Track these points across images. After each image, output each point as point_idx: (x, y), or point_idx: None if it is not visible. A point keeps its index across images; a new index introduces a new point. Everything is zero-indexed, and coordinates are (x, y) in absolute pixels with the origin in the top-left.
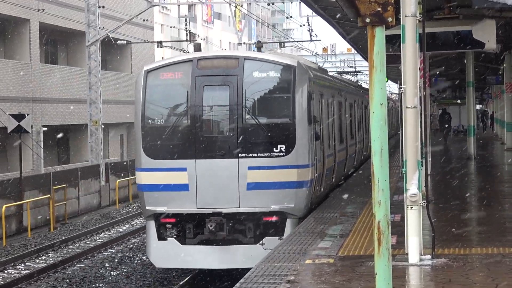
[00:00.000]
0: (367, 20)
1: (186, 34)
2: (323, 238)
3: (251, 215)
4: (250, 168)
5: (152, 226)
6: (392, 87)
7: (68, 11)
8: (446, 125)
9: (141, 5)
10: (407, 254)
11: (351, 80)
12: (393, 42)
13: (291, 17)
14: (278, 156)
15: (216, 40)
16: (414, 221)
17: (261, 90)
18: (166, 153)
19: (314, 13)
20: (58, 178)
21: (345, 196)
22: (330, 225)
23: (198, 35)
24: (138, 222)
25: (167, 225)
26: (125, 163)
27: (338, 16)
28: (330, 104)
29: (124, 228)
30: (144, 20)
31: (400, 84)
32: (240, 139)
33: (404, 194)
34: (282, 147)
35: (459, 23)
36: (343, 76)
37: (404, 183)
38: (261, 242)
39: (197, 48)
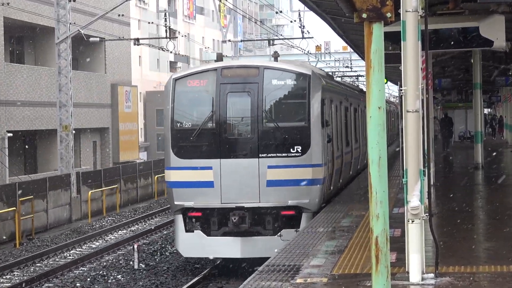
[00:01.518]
0: (364, 15)
1: (166, 30)
2: (316, 255)
3: (270, 209)
4: (269, 167)
5: (180, 219)
6: (392, 89)
7: (36, 5)
8: (447, 132)
9: None
10: (408, 272)
11: (355, 85)
12: (393, 39)
13: (280, 12)
14: (295, 156)
15: (199, 37)
16: (415, 236)
17: (279, 96)
18: (193, 153)
19: (306, 8)
20: (24, 189)
21: (342, 207)
22: (324, 241)
23: (179, 32)
24: (112, 238)
25: (194, 219)
26: (97, 172)
27: (332, 11)
28: (338, 109)
29: (97, 244)
30: (119, 15)
31: (400, 86)
32: (261, 140)
33: (405, 206)
34: (298, 148)
35: (465, 19)
36: (345, 81)
37: (404, 194)
38: (279, 234)
39: (219, 58)
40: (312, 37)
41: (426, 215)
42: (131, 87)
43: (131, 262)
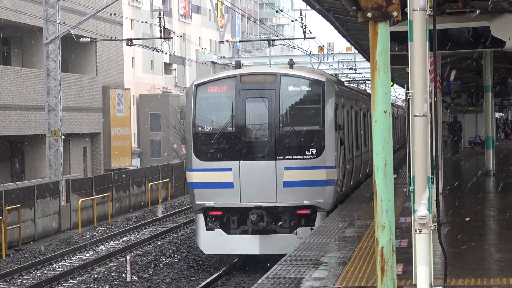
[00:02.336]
0: (369, 14)
1: (160, 30)
2: (318, 267)
3: (287, 208)
4: (286, 168)
5: (201, 218)
6: (398, 92)
7: (23, 4)
8: (456, 136)
9: None
10: (415, 285)
11: (363, 89)
12: (399, 40)
13: (281, 11)
14: (310, 158)
15: (195, 37)
16: (423, 247)
17: (295, 101)
18: (214, 156)
19: (308, 7)
20: (11, 197)
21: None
22: (327, 252)
23: (174, 32)
24: (103, 249)
25: (214, 218)
26: (88, 179)
27: (335, 10)
28: (349, 114)
29: (88, 255)
30: (111, 15)
31: (407, 89)
32: (278, 143)
33: (412, 216)
34: (313, 150)
35: (475, 18)
36: (354, 86)
37: (411, 203)
38: (295, 231)
39: (237, 65)
40: (315, 37)
41: (435, 225)
42: (123, 90)
43: (123, 275)
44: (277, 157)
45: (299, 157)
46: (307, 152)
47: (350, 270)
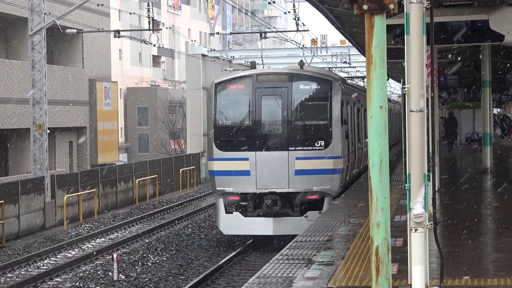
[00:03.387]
0: (365, 7)
1: (149, 22)
2: (310, 266)
3: (298, 194)
4: (297, 158)
5: (221, 202)
6: (394, 86)
7: None
8: (451, 133)
9: None
10: (410, 285)
11: (363, 86)
12: (395, 33)
13: (273, 2)
14: (319, 149)
15: (184, 29)
16: (419, 246)
17: (305, 98)
18: (233, 147)
19: None
20: None
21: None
22: (319, 250)
23: (163, 23)
24: (89, 246)
25: (233, 202)
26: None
27: (329, 2)
28: (353, 110)
29: (73, 253)
30: (98, 5)
31: (404, 83)
32: (290, 136)
33: (408, 214)
34: (322, 142)
35: (474, 11)
36: (355, 83)
37: (407, 201)
38: (305, 215)
39: (253, 66)
40: (308, 30)
41: (431, 224)
42: (110, 83)
43: (110, 273)
44: (289, 148)
45: (309, 148)
46: (316, 143)
47: (344, 270)
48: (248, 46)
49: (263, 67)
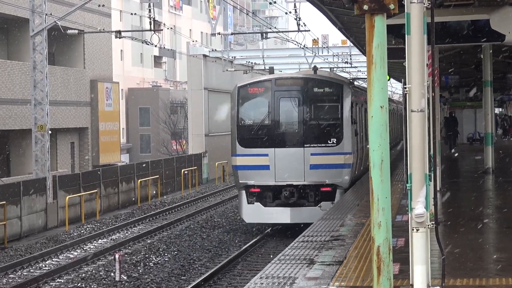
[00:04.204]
0: (365, 7)
1: (150, 22)
2: (312, 267)
3: (312, 186)
4: (312, 154)
5: (243, 194)
6: (395, 86)
7: None
8: (451, 132)
9: None
10: (412, 285)
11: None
12: (396, 33)
13: (274, 2)
14: (331, 146)
15: (186, 29)
16: (420, 246)
17: (319, 100)
18: (254, 144)
19: None
20: None
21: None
22: (321, 250)
23: (164, 24)
24: (91, 247)
25: (254, 194)
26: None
27: (330, 2)
28: (361, 110)
29: (76, 253)
30: (99, 6)
31: (404, 83)
32: (305, 134)
33: (409, 214)
34: (334, 139)
35: (475, 10)
36: (361, 85)
37: (408, 201)
38: (319, 205)
39: (271, 71)
40: (309, 30)
41: (432, 224)
42: (112, 84)
43: (112, 274)
44: (304, 145)
45: (322, 145)
46: (328, 141)
47: (345, 270)
48: (249, 47)
49: (265, 67)
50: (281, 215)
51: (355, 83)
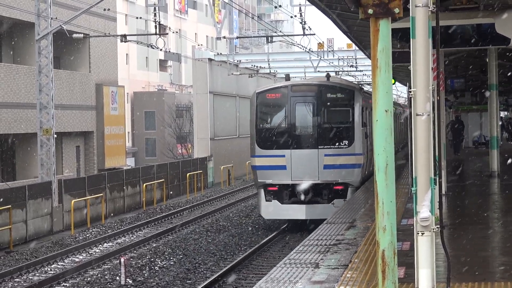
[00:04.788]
0: (370, 11)
1: (155, 26)
2: (317, 271)
3: (326, 185)
4: (325, 155)
5: (262, 192)
6: (400, 90)
7: None
8: (458, 135)
9: None
10: None
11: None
12: (401, 37)
13: (280, 6)
14: (343, 147)
15: (191, 33)
16: (425, 250)
17: (332, 105)
18: (272, 146)
19: (307, 2)
20: (1, 198)
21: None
22: (326, 254)
23: (170, 28)
24: (97, 251)
25: (272, 192)
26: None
27: (336, 6)
28: (371, 114)
29: (81, 257)
30: (105, 10)
31: (409, 87)
32: (319, 136)
33: (414, 217)
34: (346, 141)
35: (480, 14)
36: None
37: (413, 204)
38: (332, 202)
39: (287, 78)
40: (314, 34)
41: (437, 227)
42: (117, 88)
43: (117, 278)
44: (318, 147)
45: (335, 146)
46: (341, 143)
47: (350, 273)
48: (254, 50)
49: (270, 70)
50: (297, 211)
51: (364, 88)
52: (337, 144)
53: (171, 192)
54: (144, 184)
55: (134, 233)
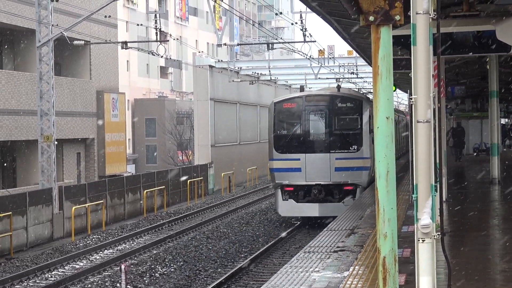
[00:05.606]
0: (371, 18)
1: (156, 33)
2: (317, 277)
3: (337, 185)
4: (336, 158)
5: (279, 192)
6: (401, 97)
7: (15, 5)
8: (459, 141)
9: None
10: None
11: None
12: (402, 44)
13: (281, 13)
14: (352, 152)
15: (192, 40)
16: (426, 257)
17: (342, 113)
18: (288, 150)
19: (308, 9)
20: (2, 205)
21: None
22: (327, 261)
23: (170, 35)
24: (97, 257)
25: (288, 192)
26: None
27: (336, 13)
28: None
29: (81, 264)
30: (106, 17)
31: (410, 94)
32: (331, 142)
33: (415, 224)
34: (355, 146)
35: (480, 21)
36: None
37: (414, 211)
38: (342, 201)
39: (302, 89)
40: (315, 41)
41: (438, 234)
42: (118, 94)
43: (118, 284)
44: (330, 151)
45: (345, 151)
46: (350, 147)
47: (349, 280)
48: (255, 57)
49: (271, 77)
50: (311, 209)
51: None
52: (347, 148)
53: (171, 199)
54: (145, 191)
55: (134, 239)
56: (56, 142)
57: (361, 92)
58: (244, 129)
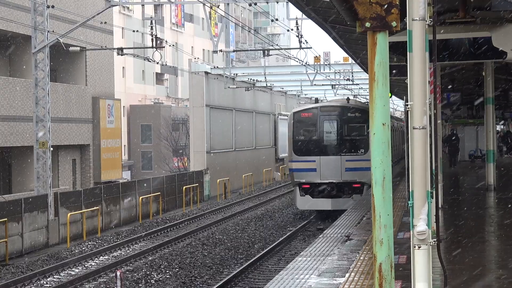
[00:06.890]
0: (367, 24)
1: (152, 39)
2: (314, 284)
3: (347, 183)
4: (347, 160)
5: (297, 189)
6: (397, 103)
7: (11, 11)
8: (453, 148)
9: (98, 5)
10: None
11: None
12: (398, 50)
13: (276, 20)
14: (360, 154)
15: (188, 46)
16: (422, 264)
17: (351, 122)
18: (305, 153)
19: (304, 16)
20: None
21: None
22: (322, 267)
23: (166, 41)
24: (93, 264)
25: (305, 189)
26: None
27: (332, 19)
28: None
29: (77, 270)
30: (102, 23)
31: (406, 101)
32: (342, 146)
33: (411, 231)
34: (362, 150)
35: (476, 28)
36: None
37: (410, 218)
38: (351, 197)
39: (317, 101)
40: (311, 47)
41: (434, 241)
42: (114, 101)
43: None
44: (341, 154)
45: (354, 154)
46: (358, 151)
47: (346, 286)
48: (251, 64)
49: (266, 84)
50: (324, 204)
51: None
52: (355, 152)
53: (167, 206)
54: (140, 197)
55: (130, 246)
56: (51, 148)
57: (366, 103)
58: (239, 135)
